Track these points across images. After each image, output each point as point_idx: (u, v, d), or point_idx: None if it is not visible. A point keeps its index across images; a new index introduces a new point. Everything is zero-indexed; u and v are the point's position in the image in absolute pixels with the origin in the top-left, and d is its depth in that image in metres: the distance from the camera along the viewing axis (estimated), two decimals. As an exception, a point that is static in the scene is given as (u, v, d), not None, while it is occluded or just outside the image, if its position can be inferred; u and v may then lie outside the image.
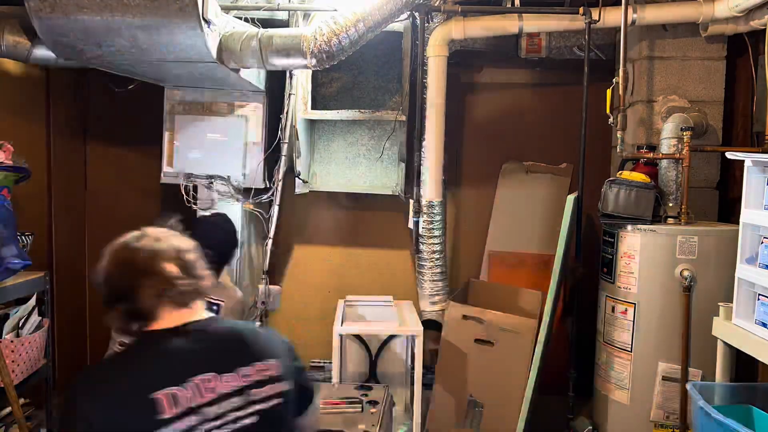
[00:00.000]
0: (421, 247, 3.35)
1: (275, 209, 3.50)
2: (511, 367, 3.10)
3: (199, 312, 1.41)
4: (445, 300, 3.36)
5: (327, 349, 4.10)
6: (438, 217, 3.31)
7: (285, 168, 3.48)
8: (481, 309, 3.23)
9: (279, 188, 3.48)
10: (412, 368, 3.21)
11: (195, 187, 3.39)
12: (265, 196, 3.49)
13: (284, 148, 3.45)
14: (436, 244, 3.32)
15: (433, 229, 3.31)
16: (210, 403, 1.28)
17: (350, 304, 3.47)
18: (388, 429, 2.44)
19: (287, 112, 3.45)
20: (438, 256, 3.34)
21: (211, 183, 3.36)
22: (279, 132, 3.43)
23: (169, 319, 1.36)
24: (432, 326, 3.29)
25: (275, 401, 1.35)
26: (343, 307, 3.40)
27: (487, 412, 3.12)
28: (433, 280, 3.36)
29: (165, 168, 3.43)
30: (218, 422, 1.28)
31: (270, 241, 3.52)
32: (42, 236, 3.46)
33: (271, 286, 3.55)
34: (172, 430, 1.24)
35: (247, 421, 1.31)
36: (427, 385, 3.85)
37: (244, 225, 3.51)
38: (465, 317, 3.16)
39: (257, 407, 1.33)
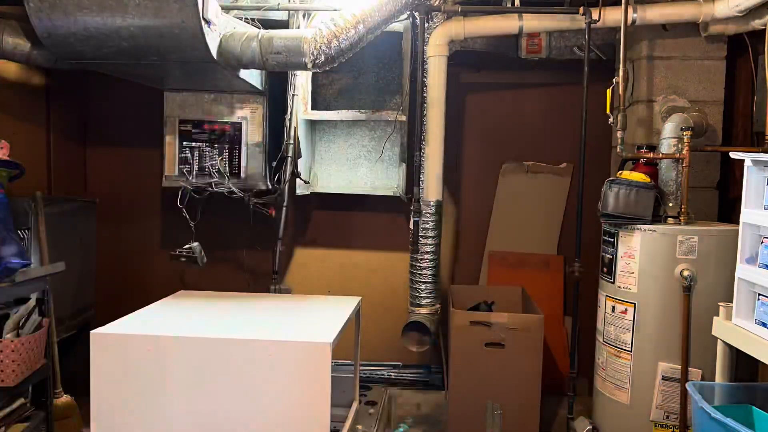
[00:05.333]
0: (419, 247, 3.34)
1: (283, 210, 3.51)
2: (524, 366, 3.10)
3: None
4: (434, 304, 3.34)
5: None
6: (434, 218, 3.31)
7: (291, 169, 3.48)
8: (487, 313, 3.23)
9: (286, 189, 3.48)
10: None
11: (196, 190, 3.40)
12: (270, 198, 3.50)
13: (289, 149, 3.45)
14: (430, 245, 3.32)
15: (429, 229, 3.31)
16: None
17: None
18: (387, 429, 2.43)
19: (291, 113, 3.45)
20: (432, 257, 3.32)
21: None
22: (284, 132, 3.44)
23: None
24: (416, 328, 3.29)
25: None
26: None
27: (506, 415, 3.11)
28: (426, 282, 3.35)
29: (166, 172, 3.44)
30: None
31: (279, 242, 3.53)
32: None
33: (282, 287, 3.57)
34: None
35: None
36: (425, 384, 3.88)
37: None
38: (472, 323, 3.14)
39: None
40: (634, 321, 2.72)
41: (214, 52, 2.65)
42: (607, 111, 2.93)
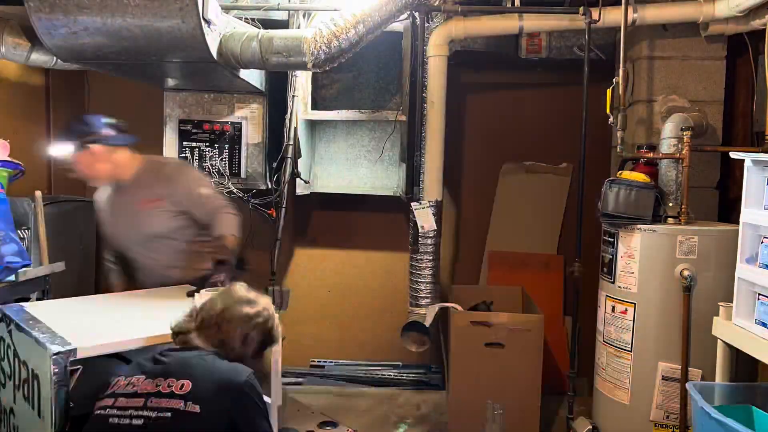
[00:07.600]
0: (419, 247, 3.34)
1: (282, 211, 3.50)
2: (524, 366, 3.10)
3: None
4: (434, 304, 3.33)
5: (325, 349, 4.12)
6: (434, 218, 3.30)
7: (291, 169, 3.47)
8: (487, 313, 3.23)
9: (286, 190, 3.48)
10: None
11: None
12: (270, 198, 3.49)
13: (289, 149, 3.45)
14: (430, 245, 3.31)
15: (428, 230, 3.30)
16: (126, 395, 1.62)
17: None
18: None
19: (291, 113, 3.45)
20: (431, 257, 3.32)
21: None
22: (284, 133, 3.44)
23: None
24: (416, 328, 3.28)
25: (163, 414, 1.56)
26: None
27: (506, 415, 3.11)
28: (426, 282, 3.34)
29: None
30: (120, 413, 1.59)
31: (278, 243, 3.52)
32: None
33: (282, 288, 3.56)
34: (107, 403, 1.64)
35: (135, 422, 1.57)
36: (426, 384, 3.88)
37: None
38: (473, 323, 3.14)
39: (145, 413, 1.57)
40: (634, 321, 2.72)
41: (214, 52, 2.65)
42: (607, 111, 2.92)
